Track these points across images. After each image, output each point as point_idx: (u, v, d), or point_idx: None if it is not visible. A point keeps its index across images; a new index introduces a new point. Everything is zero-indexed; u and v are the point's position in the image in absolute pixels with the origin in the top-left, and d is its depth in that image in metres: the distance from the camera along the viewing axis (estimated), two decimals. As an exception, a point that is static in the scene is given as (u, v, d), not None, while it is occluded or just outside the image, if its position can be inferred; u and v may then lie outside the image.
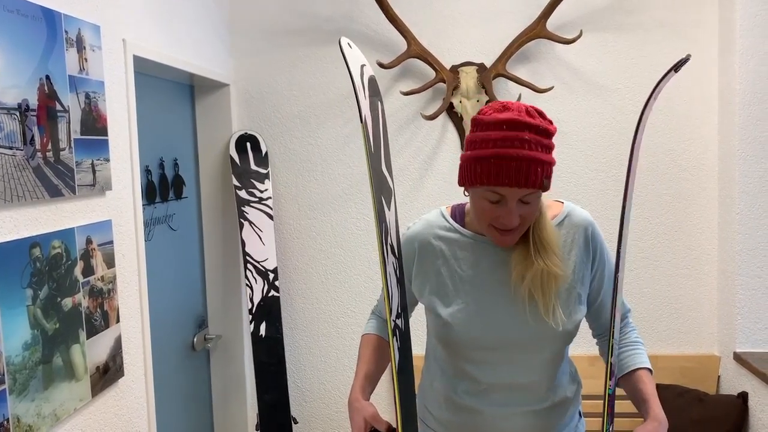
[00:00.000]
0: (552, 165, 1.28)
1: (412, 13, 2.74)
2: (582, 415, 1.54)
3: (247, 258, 2.71)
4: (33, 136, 1.44)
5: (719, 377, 2.73)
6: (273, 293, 2.74)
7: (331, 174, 2.88)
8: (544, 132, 1.27)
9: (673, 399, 2.56)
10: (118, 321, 1.81)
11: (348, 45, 1.22)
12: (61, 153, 1.54)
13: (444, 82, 2.71)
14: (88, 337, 1.65)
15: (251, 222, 2.73)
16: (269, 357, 2.74)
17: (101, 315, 1.72)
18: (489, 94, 2.69)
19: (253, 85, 2.87)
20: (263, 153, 2.81)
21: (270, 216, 2.77)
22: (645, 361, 1.44)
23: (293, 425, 2.79)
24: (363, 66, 1.26)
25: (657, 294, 2.80)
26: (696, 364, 2.74)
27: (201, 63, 2.51)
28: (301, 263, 2.92)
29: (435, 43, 2.75)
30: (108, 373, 1.75)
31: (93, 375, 1.67)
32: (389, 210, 1.25)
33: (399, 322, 1.24)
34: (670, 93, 2.67)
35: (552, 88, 2.67)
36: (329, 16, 2.81)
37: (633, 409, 1.45)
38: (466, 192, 1.36)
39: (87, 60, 1.66)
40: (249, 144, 2.79)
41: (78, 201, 1.63)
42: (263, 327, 2.73)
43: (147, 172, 2.29)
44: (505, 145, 1.24)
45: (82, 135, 1.63)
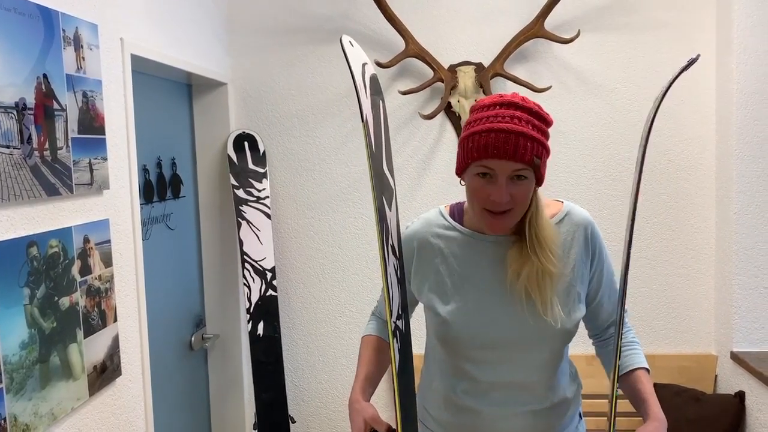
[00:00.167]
0: (543, 145, 1.28)
1: (410, 13, 2.74)
2: (582, 417, 1.54)
3: (245, 257, 2.71)
4: (30, 135, 1.44)
5: (716, 376, 2.73)
6: (271, 292, 2.74)
7: (329, 173, 2.88)
8: (536, 114, 1.28)
9: (671, 398, 2.57)
10: (115, 320, 1.81)
11: (349, 43, 1.22)
12: (59, 152, 1.54)
13: (442, 81, 2.71)
14: (85, 336, 1.65)
15: (249, 221, 2.73)
16: (267, 356, 2.74)
17: (99, 314, 1.72)
18: (487, 93, 2.69)
19: (251, 84, 2.87)
20: (261, 152, 2.81)
21: (268, 215, 2.77)
22: (642, 361, 1.45)
23: (291, 424, 2.79)
24: (364, 64, 1.26)
25: (654, 293, 2.80)
26: (693, 363, 2.75)
27: (199, 62, 2.50)
28: (299, 262, 2.92)
29: (433, 43, 2.75)
30: (105, 373, 1.75)
31: (90, 374, 1.67)
32: (390, 210, 1.25)
33: (399, 323, 1.23)
34: (667, 93, 2.66)
35: (550, 87, 2.67)
36: (327, 15, 2.81)
37: (630, 408, 1.45)
38: (462, 182, 1.36)
39: (84, 59, 1.66)
40: (247, 143, 2.79)
41: (75, 200, 1.63)
42: (261, 326, 2.72)
43: (144, 171, 2.29)
44: (497, 121, 1.26)
45: (79, 134, 1.63)
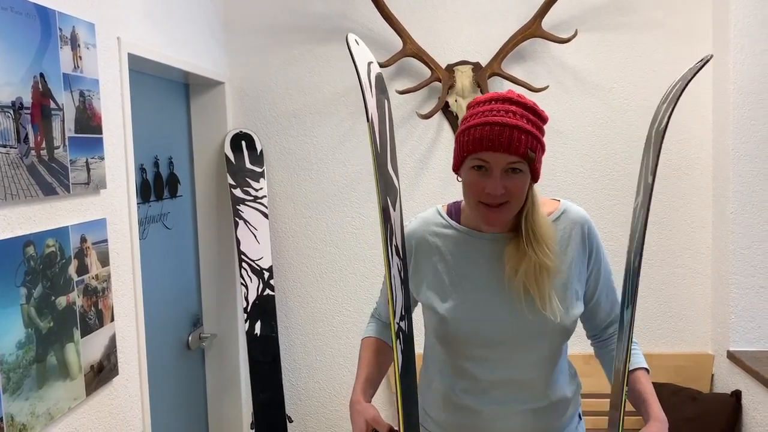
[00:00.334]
0: (538, 140, 1.28)
1: (407, 12, 2.74)
2: (582, 417, 1.54)
3: (242, 256, 2.71)
4: (27, 134, 1.44)
5: (713, 376, 2.74)
6: (268, 292, 2.74)
7: (327, 173, 2.88)
8: (531, 110, 1.29)
9: (667, 397, 2.57)
10: (112, 320, 1.81)
11: (355, 41, 1.22)
12: (56, 151, 1.54)
13: (439, 81, 2.71)
14: (82, 336, 1.64)
15: (246, 220, 2.73)
16: (264, 356, 2.73)
17: (96, 314, 1.71)
18: (484, 93, 2.68)
19: (248, 84, 2.86)
20: (258, 151, 2.81)
21: (265, 215, 2.76)
22: (642, 361, 1.45)
23: (288, 424, 2.78)
24: (370, 63, 1.25)
25: (651, 293, 2.81)
26: (690, 362, 2.75)
27: (196, 61, 2.50)
28: (297, 262, 2.92)
29: (430, 42, 2.75)
30: (102, 372, 1.75)
31: (87, 374, 1.67)
32: (395, 210, 1.24)
33: (402, 324, 1.23)
34: (664, 92, 2.67)
35: (547, 87, 2.67)
36: (324, 14, 2.81)
37: (629, 408, 1.45)
38: (459, 178, 1.37)
39: (81, 58, 1.66)
40: (244, 142, 2.78)
41: (72, 199, 1.63)
42: (258, 326, 2.72)
43: (142, 170, 2.29)
44: (492, 115, 1.27)
45: (76, 133, 1.63)
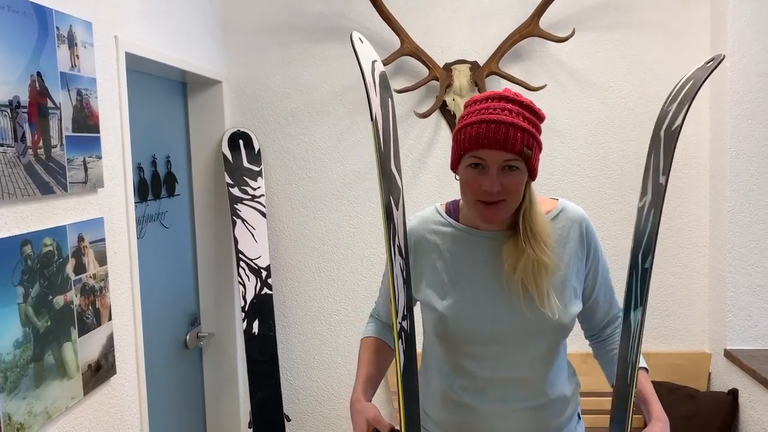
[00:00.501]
0: (534, 137, 1.29)
1: (405, 11, 2.74)
2: (581, 417, 1.54)
3: (240, 256, 2.71)
4: (24, 133, 1.43)
5: (710, 374, 2.75)
6: (266, 291, 2.74)
7: (324, 172, 2.88)
8: (528, 108, 1.30)
9: (665, 396, 2.57)
10: (110, 319, 1.80)
11: (359, 40, 1.22)
12: (53, 150, 1.54)
13: (437, 80, 2.71)
14: (80, 335, 1.64)
15: (244, 220, 2.73)
16: (262, 354, 2.73)
17: (93, 313, 1.71)
18: (482, 92, 2.69)
19: (246, 83, 2.86)
20: (256, 150, 2.81)
21: (263, 214, 2.76)
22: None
23: (286, 423, 2.79)
24: (374, 62, 1.25)
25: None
26: (687, 361, 2.76)
27: (193, 60, 2.50)
28: (294, 261, 2.92)
29: (428, 41, 2.75)
30: (100, 371, 1.74)
31: (85, 373, 1.67)
32: (397, 210, 1.24)
33: (405, 324, 1.23)
34: (661, 92, 2.66)
35: (545, 86, 2.68)
36: (322, 13, 2.81)
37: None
38: (457, 176, 1.37)
39: (79, 57, 1.65)
40: (242, 141, 2.78)
41: (70, 198, 1.63)
42: (256, 324, 2.72)
43: (139, 169, 2.29)
44: (488, 113, 1.28)
45: (73, 132, 1.62)
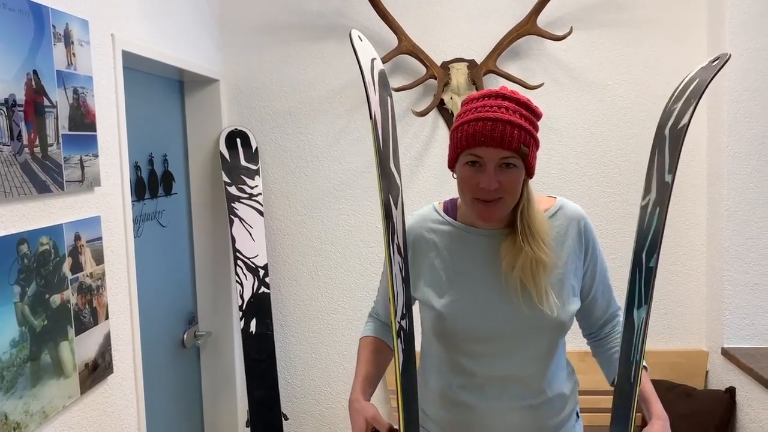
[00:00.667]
0: (531, 135, 1.29)
1: (402, 9, 2.74)
2: (579, 416, 1.54)
3: (237, 254, 2.70)
4: (20, 131, 1.43)
5: (707, 372, 2.75)
6: (263, 290, 2.74)
7: (322, 170, 2.87)
8: (524, 105, 1.30)
9: (662, 394, 2.54)
10: (107, 318, 1.80)
11: (358, 38, 1.21)
12: (49, 149, 1.53)
13: (435, 78, 2.71)
14: (76, 334, 1.64)
15: (241, 218, 2.72)
16: (259, 353, 2.73)
17: (90, 312, 1.71)
18: (479, 90, 2.68)
19: (243, 81, 2.85)
20: (253, 149, 2.80)
21: (260, 212, 2.76)
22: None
23: (284, 422, 2.78)
24: (373, 60, 1.25)
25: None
26: (684, 359, 2.76)
27: (191, 58, 2.49)
28: (292, 260, 2.92)
29: (426, 40, 2.75)
30: (97, 370, 1.74)
31: (82, 372, 1.66)
32: (396, 208, 1.24)
33: (403, 323, 1.23)
34: (659, 90, 2.68)
35: (542, 84, 2.67)
36: (320, 11, 2.80)
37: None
38: (454, 175, 1.37)
39: (75, 55, 1.65)
40: (239, 140, 2.78)
41: (66, 197, 1.62)
42: (253, 323, 2.72)
43: (136, 168, 2.28)
44: (484, 110, 1.28)
45: (70, 130, 1.62)
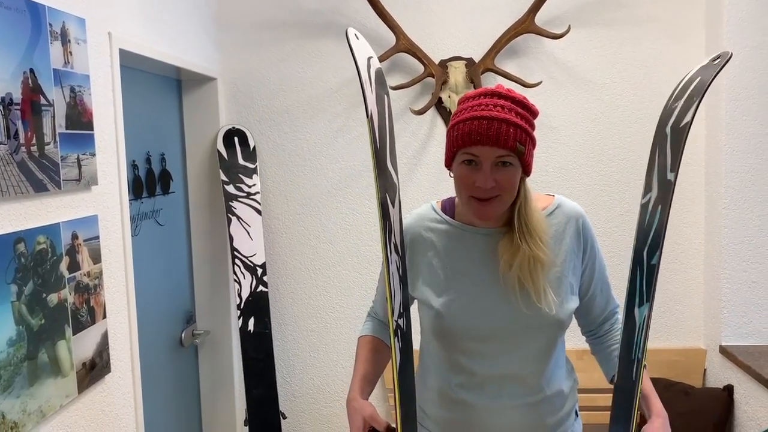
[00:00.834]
0: (527, 133, 1.29)
1: (400, 8, 2.73)
2: (578, 414, 1.54)
3: (235, 253, 2.70)
4: (17, 130, 1.43)
5: (705, 370, 2.75)
6: (261, 288, 2.73)
7: (320, 169, 2.87)
8: (520, 103, 1.31)
9: (660, 392, 2.53)
10: (104, 317, 1.80)
11: (355, 36, 1.21)
12: (46, 147, 1.53)
13: (433, 76, 2.71)
14: (74, 333, 1.64)
15: (239, 217, 2.72)
16: (257, 352, 2.73)
17: (87, 311, 1.71)
18: (477, 88, 2.68)
19: (241, 80, 2.85)
20: (251, 148, 2.80)
21: (258, 211, 2.76)
22: None
23: (282, 420, 2.78)
24: (370, 58, 1.25)
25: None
26: (682, 357, 2.77)
27: (188, 57, 2.49)
28: (290, 258, 2.92)
29: (424, 38, 2.74)
30: (95, 369, 1.74)
31: (79, 371, 1.66)
32: (393, 207, 1.24)
33: (401, 322, 1.23)
34: (657, 88, 2.68)
35: (540, 83, 2.67)
36: (317, 9, 2.80)
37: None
38: (451, 174, 1.37)
39: (72, 53, 1.64)
40: (237, 138, 2.77)
41: (63, 196, 1.62)
42: (251, 322, 2.72)
43: (134, 166, 2.28)
44: (480, 109, 1.29)
45: (67, 129, 1.61)
